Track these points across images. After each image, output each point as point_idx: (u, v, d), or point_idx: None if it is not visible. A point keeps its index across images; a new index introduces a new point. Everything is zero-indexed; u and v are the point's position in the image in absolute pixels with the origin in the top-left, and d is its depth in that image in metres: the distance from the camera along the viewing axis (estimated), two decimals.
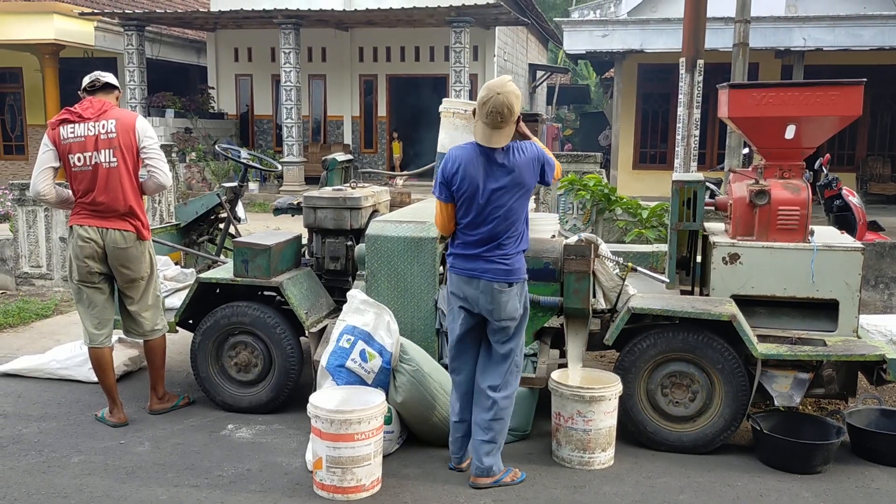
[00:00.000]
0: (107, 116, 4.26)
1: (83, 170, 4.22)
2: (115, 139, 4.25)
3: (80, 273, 4.30)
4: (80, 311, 4.42)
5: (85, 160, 4.21)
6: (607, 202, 6.27)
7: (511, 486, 3.65)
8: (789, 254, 4.19)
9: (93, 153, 4.21)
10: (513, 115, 3.48)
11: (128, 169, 4.29)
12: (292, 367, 4.52)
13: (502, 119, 3.46)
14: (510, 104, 3.45)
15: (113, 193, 4.25)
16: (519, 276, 3.61)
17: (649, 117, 17.18)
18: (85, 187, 4.24)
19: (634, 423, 4.12)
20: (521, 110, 3.56)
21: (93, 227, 4.25)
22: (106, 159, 4.23)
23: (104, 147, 4.23)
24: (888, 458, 3.94)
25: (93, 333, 4.37)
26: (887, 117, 16.27)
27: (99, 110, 4.26)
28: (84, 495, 3.56)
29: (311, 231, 5.03)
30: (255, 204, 14.14)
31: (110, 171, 4.24)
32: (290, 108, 15.94)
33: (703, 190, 4.45)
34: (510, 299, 3.57)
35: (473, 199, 3.53)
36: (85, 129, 4.22)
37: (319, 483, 3.56)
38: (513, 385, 3.71)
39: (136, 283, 4.42)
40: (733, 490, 3.66)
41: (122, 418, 4.41)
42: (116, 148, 4.25)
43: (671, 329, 4.09)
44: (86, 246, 4.24)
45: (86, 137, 4.21)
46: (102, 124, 4.24)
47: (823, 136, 4.39)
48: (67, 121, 4.24)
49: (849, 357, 3.94)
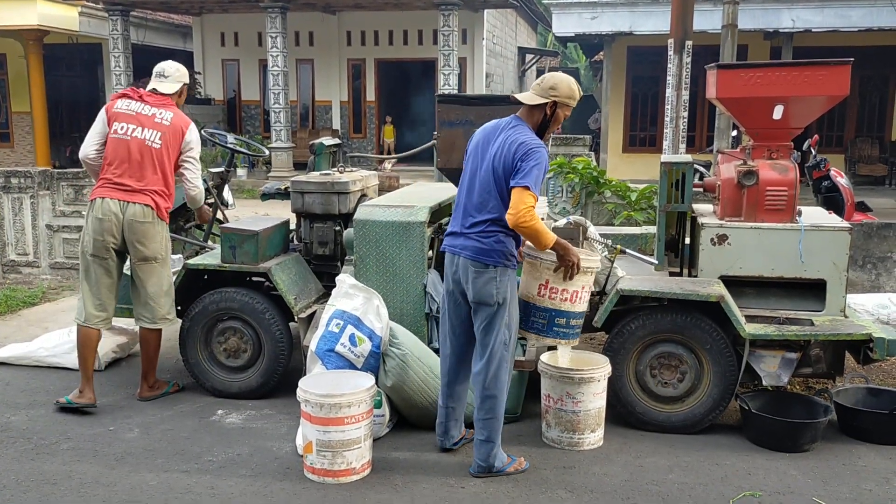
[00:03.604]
0: (167, 108, 4.39)
1: (121, 138, 4.27)
2: (168, 127, 4.35)
3: (94, 246, 4.28)
4: (83, 289, 4.37)
5: (126, 130, 4.28)
6: (596, 185, 6.27)
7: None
8: (777, 234, 4.20)
9: (138, 128, 4.29)
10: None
11: (169, 156, 4.37)
12: (282, 353, 4.51)
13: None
14: None
15: (148, 172, 4.29)
16: (496, 260, 3.48)
17: (639, 100, 17.15)
18: (118, 157, 4.27)
19: (623, 403, 4.14)
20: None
21: (115, 199, 4.26)
22: (151, 138, 4.31)
23: (153, 128, 4.31)
24: (875, 436, 3.98)
25: (90, 314, 4.33)
26: (875, 98, 16.31)
27: (161, 101, 4.39)
28: (73, 482, 3.55)
29: (300, 216, 5.01)
30: (243, 190, 14.07)
31: (151, 149, 4.31)
32: (278, 94, 15.83)
33: (691, 171, 4.45)
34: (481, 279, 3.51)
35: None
36: (140, 107, 4.33)
37: (310, 467, 3.56)
38: (497, 383, 3.53)
39: (149, 264, 4.38)
40: (721, 469, 3.69)
41: (92, 398, 4.35)
42: (165, 134, 4.33)
43: (660, 310, 4.10)
44: (105, 220, 4.25)
45: (137, 114, 4.32)
46: (160, 111, 4.36)
47: (811, 116, 4.39)
48: (127, 96, 4.37)
49: (836, 336, 3.96)
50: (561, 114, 3.54)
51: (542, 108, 3.52)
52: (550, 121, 3.54)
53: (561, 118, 3.57)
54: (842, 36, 14.85)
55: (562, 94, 3.49)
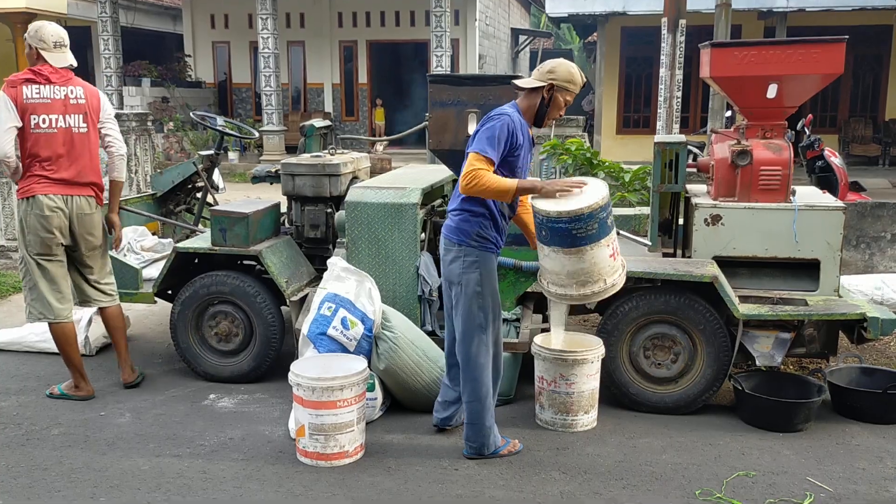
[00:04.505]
0: (72, 83, 4.17)
1: (47, 132, 4.07)
2: (85, 105, 4.17)
3: (42, 246, 4.13)
4: (38, 289, 4.17)
5: (49, 122, 4.07)
6: (590, 166, 6.22)
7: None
8: (771, 214, 4.18)
9: (60, 116, 4.09)
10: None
11: (95, 136, 4.23)
12: (273, 337, 4.49)
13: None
14: None
15: (84, 160, 4.16)
16: (461, 238, 3.45)
17: (633, 81, 17.06)
18: (49, 152, 4.08)
19: (617, 385, 4.13)
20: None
21: (58, 195, 4.11)
22: (76, 124, 4.13)
23: (73, 112, 4.13)
24: (868, 416, 3.98)
25: (57, 308, 4.21)
26: (869, 78, 16.26)
27: (65, 77, 4.16)
28: (64, 467, 3.52)
29: (290, 199, 4.96)
30: (235, 174, 14.00)
31: (81, 136, 4.15)
32: (269, 76, 15.69)
33: (685, 151, 4.42)
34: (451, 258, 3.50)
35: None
36: (50, 91, 4.09)
37: (302, 450, 3.54)
38: (473, 366, 3.48)
39: (96, 252, 4.34)
40: (715, 449, 3.69)
41: (90, 391, 4.33)
42: (86, 114, 4.17)
43: (653, 291, 4.08)
44: (53, 216, 4.10)
45: (52, 100, 4.09)
46: (70, 90, 4.14)
47: (805, 94, 4.35)
48: (31, 81, 4.08)
49: (830, 316, 3.95)
50: (560, 98, 3.47)
51: (538, 93, 3.47)
52: (549, 105, 3.49)
53: (561, 103, 3.50)
54: (835, 15, 14.78)
55: (559, 78, 3.44)
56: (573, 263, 3.33)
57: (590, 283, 3.37)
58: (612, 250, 3.37)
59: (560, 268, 3.38)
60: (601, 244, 3.29)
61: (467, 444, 3.58)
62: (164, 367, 4.85)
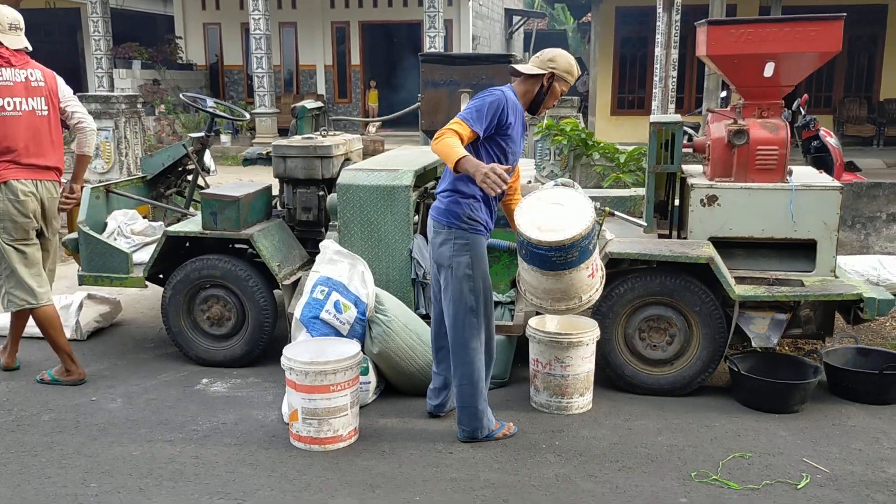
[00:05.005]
0: (30, 66, 4.13)
1: (12, 115, 4.01)
2: (45, 88, 4.13)
3: (20, 231, 4.08)
4: (17, 275, 4.10)
5: (14, 105, 4.02)
6: (585, 147, 6.17)
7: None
8: (768, 194, 4.14)
9: (23, 99, 4.04)
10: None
11: (57, 119, 4.20)
12: (266, 320, 4.45)
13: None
14: None
15: (47, 144, 4.13)
16: (450, 220, 3.41)
17: (627, 62, 16.95)
18: (15, 137, 4.02)
19: (612, 367, 4.11)
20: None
21: (30, 179, 4.07)
22: (39, 107, 4.09)
23: (35, 94, 4.08)
24: (864, 396, 3.97)
25: (39, 292, 4.16)
26: (864, 58, 16.19)
27: (23, 60, 4.12)
28: (55, 453, 3.49)
29: (282, 181, 4.91)
30: (227, 157, 13.89)
31: (43, 119, 4.11)
32: (261, 58, 15.55)
33: (681, 131, 4.38)
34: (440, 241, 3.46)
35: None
36: (11, 74, 4.04)
37: (296, 434, 3.52)
38: (464, 351, 3.44)
39: (56, 238, 4.34)
40: (711, 430, 3.67)
41: (82, 374, 4.28)
42: (46, 97, 4.13)
43: (649, 273, 4.05)
44: (27, 200, 4.06)
45: (15, 83, 4.03)
46: (30, 72, 4.10)
47: (802, 73, 4.30)
48: None
49: (826, 296, 3.93)
50: (558, 88, 3.47)
51: (538, 80, 3.45)
52: (546, 94, 3.46)
53: (558, 92, 3.50)
54: None
55: (560, 67, 3.43)
56: (550, 283, 3.30)
57: (565, 300, 3.35)
58: (591, 270, 3.32)
59: (537, 284, 3.35)
60: (580, 269, 3.24)
61: (460, 427, 3.55)
62: (155, 352, 4.81)
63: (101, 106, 7.58)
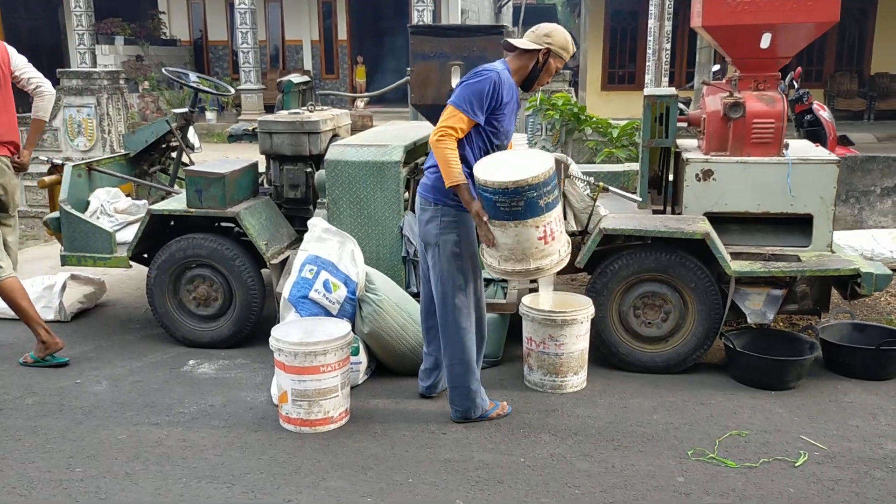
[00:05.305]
0: None
1: None
2: None
3: None
4: None
5: None
6: (577, 122, 6.07)
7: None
8: (764, 168, 4.07)
9: None
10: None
11: (10, 92, 4.13)
12: (254, 300, 4.36)
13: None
14: None
15: (3, 118, 4.06)
16: (437, 196, 3.32)
17: (618, 36, 16.78)
18: None
19: (607, 345, 4.05)
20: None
21: None
22: None
23: None
24: (861, 372, 3.93)
25: (4, 264, 4.12)
26: (855, 32, 16.09)
27: None
28: (39, 438, 3.41)
29: (269, 158, 4.79)
30: (213, 133, 13.69)
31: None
32: (246, 33, 15.28)
33: (675, 105, 4.29)
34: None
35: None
36: None
37: (285, 417, 3.45)
38: (454, 330, 3.37)
39: (16, 212, 4.30)
40: (707, 408, 3.63)
41: (59, 342, 4.17)
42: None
43: (643, 249, 3.98)
44: None
45: None
46: None
47: (800, 44, 4.22)
48: None
49: (823, 272, 3.87)
50: (553, 64, 3.36)
51: (533, 56, 3.33)
52: (542, 70, 3.36)
53: (553, 69, 3.39)
54: None
55: (556, 43, 3.32)
56: (497, 234, 3.19)
57: (513, 260, 3.21)
58: (544, 233, 3.16)
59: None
60: (527, 224, 3.11)
61: (453, 408, 3.49)
62: (141, 333, 4.72)
63: (83, 82, 7.40)
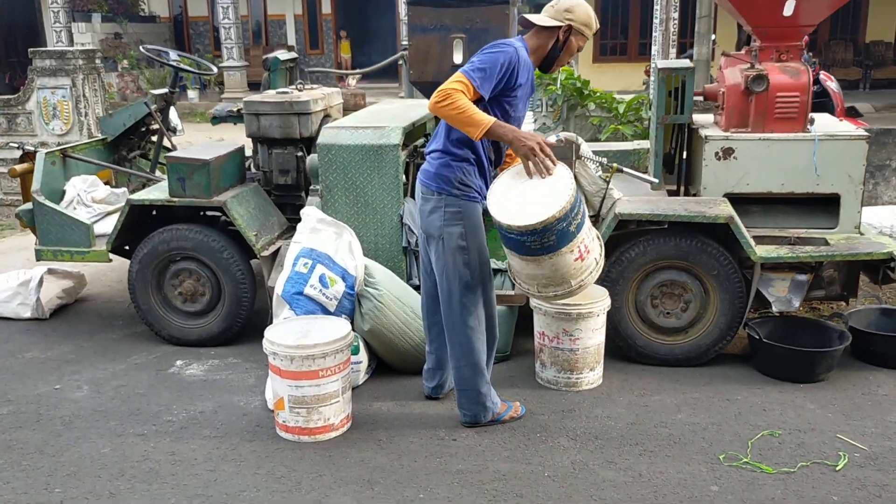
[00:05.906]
0: None
1: None
2: None
3: None
4: None
5: None
6: (579, 97, 5.78)
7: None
8: (788, 145, 3.81)
9: None
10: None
11: None
12: (244, 295, 4.08)
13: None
14: None
15: None
16: (440, 185, 3.04)
17: (609, 7, 16.41)
18: None
19: (623, 337, 3.81)
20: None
21: None
22: None
23: None
24: (891, 361, 3.71)
25: None
26: None
27: None
28: (14, 453, 3.13)
29: (256, 141, 4.48)
30: (195, 113, 13.30)
31: None
32: (227, 8, 14.83)
33: (692, 78, 4.01)
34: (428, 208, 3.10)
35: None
36: None
37: (282, 425, 3.18)
38: (460, 329, 3.11)
39: None
40: (733, 405, 3.39)
41: None
42: None
43: (661, 235, 3.72)
44: None
45: None
46: None
47: (826, 10, 3.96)
48: None
49: (855, 256, 3.63)
50: (574, 43, 3.06)
51: (553, 33, 3.04)
52: (562, 49, 3.06)
53: (574, 48, 3.08)
54: None
55: (578, 19, 3.02)
56: (532, 269, 2.94)
57: (552, 286, 2.97)
58: (579, 253, 2.91)
59: (519, 269, 3.01)
60: (562, 253, 2.86)
61: (462, 412, 3.24)
62: (124, 331, 4.43)
63: (57, 62, 7.01)
